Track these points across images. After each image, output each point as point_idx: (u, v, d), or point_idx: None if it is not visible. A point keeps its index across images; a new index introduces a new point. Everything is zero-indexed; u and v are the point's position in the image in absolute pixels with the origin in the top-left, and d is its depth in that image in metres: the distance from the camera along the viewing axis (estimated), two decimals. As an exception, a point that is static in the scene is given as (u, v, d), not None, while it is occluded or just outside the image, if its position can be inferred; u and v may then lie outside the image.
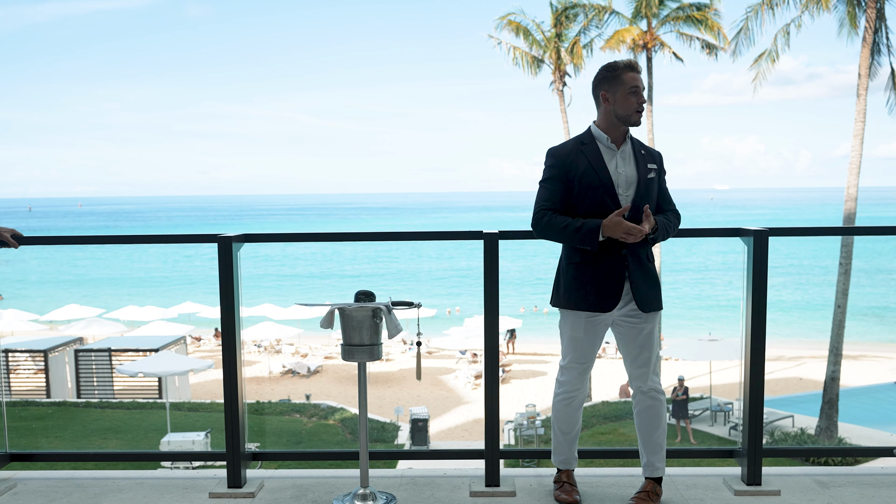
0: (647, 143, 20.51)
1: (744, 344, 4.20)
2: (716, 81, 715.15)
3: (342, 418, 23.78)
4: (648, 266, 3.88)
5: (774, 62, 24.69)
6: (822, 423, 22.20)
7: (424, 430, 21.52)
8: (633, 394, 4.01)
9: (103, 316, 35.58)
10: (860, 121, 22.63)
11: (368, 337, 3.97)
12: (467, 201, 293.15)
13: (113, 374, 26.43)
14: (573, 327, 3.93)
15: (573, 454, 4.15)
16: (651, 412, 3.98)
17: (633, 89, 3.78)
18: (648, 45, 29.57)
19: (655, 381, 3.97)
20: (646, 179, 3.83)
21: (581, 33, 30.83)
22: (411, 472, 4.48)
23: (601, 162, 3.81)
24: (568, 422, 4.07)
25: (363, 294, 4.01)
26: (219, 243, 4.11)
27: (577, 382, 4.00)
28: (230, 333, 4.18)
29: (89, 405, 25.40)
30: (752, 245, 4.08)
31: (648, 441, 3.99)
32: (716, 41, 29.37)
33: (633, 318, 3.89)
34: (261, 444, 19.94)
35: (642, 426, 4.01)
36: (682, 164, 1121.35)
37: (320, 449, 19.09)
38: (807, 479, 4.33)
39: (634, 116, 3.80)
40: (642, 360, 3.93)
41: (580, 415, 4.09)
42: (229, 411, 4.22)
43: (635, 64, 3.83)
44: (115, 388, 26.69)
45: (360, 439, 4.07)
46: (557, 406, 4.07)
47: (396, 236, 4.41)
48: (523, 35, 31.06)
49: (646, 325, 3.90)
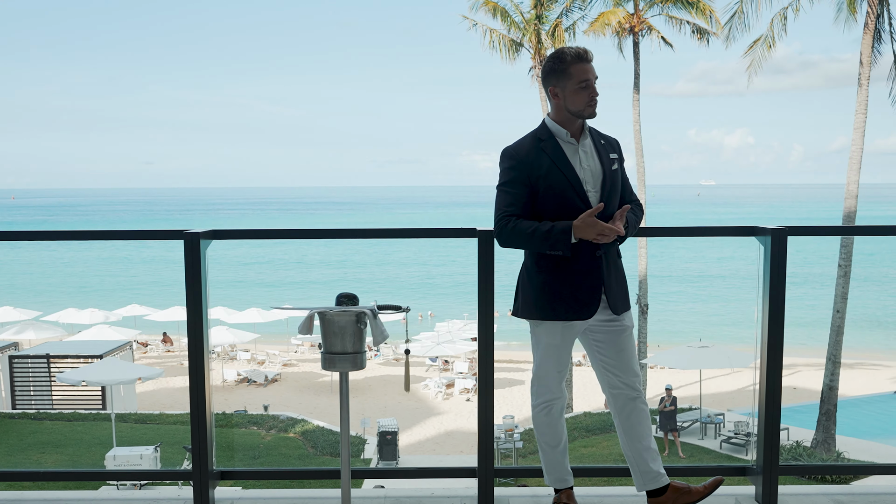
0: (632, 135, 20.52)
1: (759, 352, 4.17)
2: (703, 69, 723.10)
3: (303, 431, 23.65)
4: (618, 264, 3.90)
5: (771, 48, 24.87)
6: (818, 436, 22.41)
7: (394, 444, 21.46)
8: (614, 400, 3.94)
9: (40, 319, 35.15)
10: (861, 112, 22.84)
11: (351, 344, 3.87)
12: (437, 196, 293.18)
13: (52, 382, 26.08)
14: (549, 335, 3.87)
15: (566, 469, 4.09)
16: (640, 414, 3.93)
17: (583, 83, 3.71)
18: (635, 28, 29.72)
19: (639, 385, 3.95)
20: (611, 172, 3.81)
21: (563, 15, 30.91)
22: (395, 493, 4.41)
23: (564, 158, 3.75)
24: (552, 433, 4.01)
25: (345, 297, 3.92)
26: (185, 240, 4.03)
27: (557, 390, 3.94)
28: (197, 338, 4.09)
29: (25, 416, 25.05)
30: (769, 245, 4.06)
31: (647, 447, 3.94)
32: (708, 25, 29.60)
33: (611, 321, 3.87)
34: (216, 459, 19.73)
35: (633, 432, 3.93)
36: (666, 157, 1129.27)
37: (296, 467, 19.03)
38: (825, 500, 4.32)
39: (587, 110, 3.74)
40: (624, 362, 3.90)
41: (563, 424, 4.04)
42: (196, 425, 4.13)
43: (584, 53, 3.74)
44: (54, 397, 26.35)
45: (341, 457, 3.99)
46: (538, 418, 4.01)
47: (383, 233, 4.35)
48: (501, 16, 31.07)
49: (621, 325, 3.89)
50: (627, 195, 3.94)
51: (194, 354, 4.10)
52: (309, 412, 27.23)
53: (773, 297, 4.06)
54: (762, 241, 4.12)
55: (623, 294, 3.89)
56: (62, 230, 4.22)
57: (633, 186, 4.04)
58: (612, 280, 3.83)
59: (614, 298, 3.84)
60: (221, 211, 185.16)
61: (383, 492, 4.45)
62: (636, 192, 4.04)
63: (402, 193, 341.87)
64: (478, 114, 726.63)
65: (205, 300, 4.09)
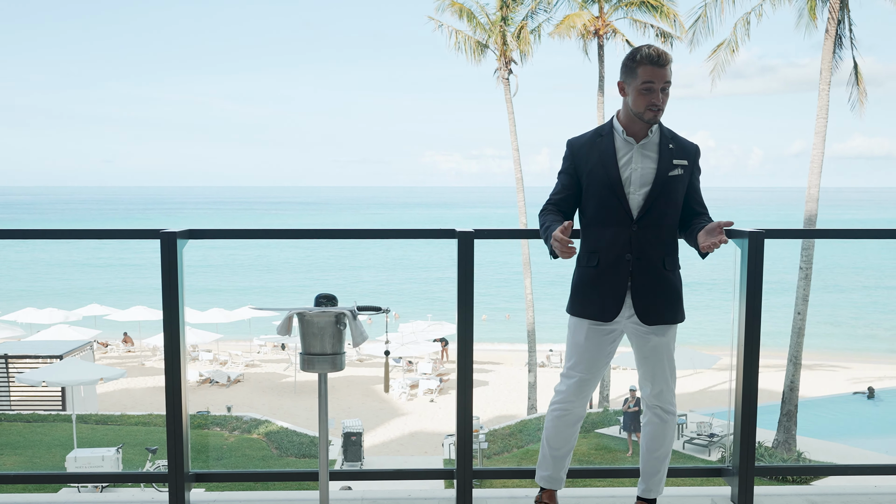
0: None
1: (736, 354, 4.20)
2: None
3: (267, 432, 23.50)
4: (663, 275, 3.73)
5: (734, 53, 25.10)
6: (779, 437, 22.65)
7: (358, 445, 21.40)
8: (643, 407, 3.99)
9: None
10: (822, 117, 23.12)
11: (331, 345, 3.84)
12: (399, 197, 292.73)
13: (10, 382, 25.69)
14: (575, 331, 3.87)
15: (559, 475, 4.05)
16: (653, 430, 3.93)
17: (647, 86, 3.60)
18: (600, 31, 29.87)
19: (665, 399, 3.89)
20: (665, 178, 3.67)
21: (528, 17, 30.99)
22: (373, 496, 4.39)
23: (612, 157, 3.70)
24: (558, 438, 3.97)
25: (324, 298, 3.89)
26: (161, 240, 3.97)
27: (574, 395, 3.90)
28: (174, 339, 4.03)
29: (-18, 417, 24.70)
30: (745, 247, 4.08)
31: (647, 459, 3.97)
32: (671, 29, 29.79)
33: (639, 328, 3.80)
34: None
35: (644, 443, 3.98)
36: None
37: (273, 469, 18.90)
38: (799, 500, 4.36)
39: (647, 114, 3.64)
40: (648, 373, 3.87)
41: (574, 434, 4.00)
42: (172, 426, 4.08)
43: (658, 57, 3.59)
44: (12, 398, 25.96)
45: (320, 459, 3.95)
46: (549, 418, 3.99)
47: (362, 234, 4.33)
48: (467, 18, 31.10)
49: (652, 336, 3.80)
50: (697, 206, 3.80)
51: (170, 355, 4.04)
52: (272, 413, 27.08)
53: (749, 299, 4.09)
54: (739, 243, 4.14)
55: (658, 306, 3.75)
56: (35, 229, 4.15)
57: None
58: (644, 287, 3.72)
59: (644, 307, 3.74)
60: (184, 210, 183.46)
61: (360, 493, 4.43)
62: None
63: (365, 194, 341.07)
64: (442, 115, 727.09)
65: (181, 300, 4.04)
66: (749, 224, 4.29)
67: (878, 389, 29.81)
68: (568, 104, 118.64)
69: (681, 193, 3.75)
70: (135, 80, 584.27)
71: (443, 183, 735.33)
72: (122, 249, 79.55)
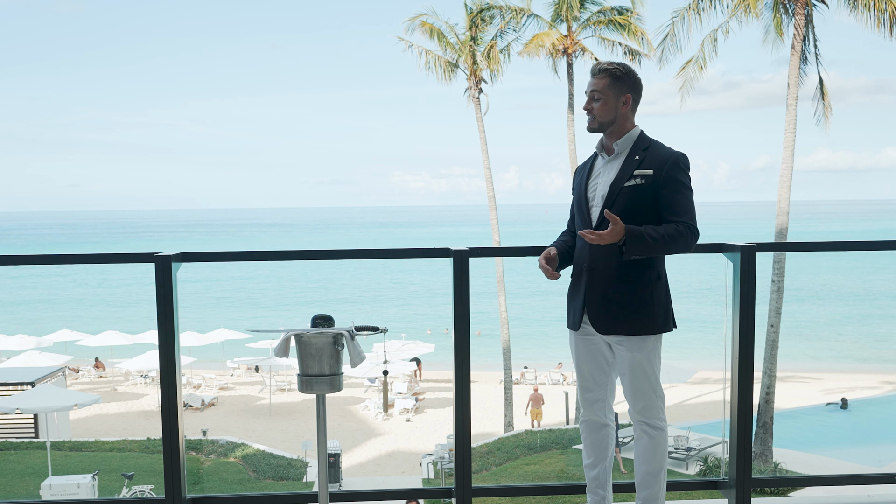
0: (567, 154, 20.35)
1: (730, 367, 4.24)
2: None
3: (244, 455, 23.28)
4: (616, 286, 3.68)
5: (702, 69, 25.36)
6: (756, 448, 22.74)
7: (336, 466, 21.24)
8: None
9: (-34, 346, 34.21)
10: (790, 132, 23.38)
11: (329, 366, 3.83)
12: (370, 217, 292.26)
13: (-20, 411, 25.29)
14: (570, 342, 3.98)
15: (596, 487, 4.11)
16: (641, 446, 3.90)
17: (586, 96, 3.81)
18: (569, 50, 30.07)
19: (649, 414, 3.84)
20: (624, 189, 3.63)
21: (498, 37, 31.14)
22: (371, 515, 4.37)
23: (587, 174, 3.85)
24: (587, 449, 4.10)
25: (321, 318, 3.88)
26: (156, 263, 3.96)
27: (585, 408, 3.99)
28: (169, 362, 4.01)
29: (-48, 446, 24.27)
30: (738, 261, 4.11)
31: (640, 475, 3.95)
32: (639, 47, 30.04)
33: (613, 340, 3.81)
34: (154, 486, 19.35)
35: (635, 459, 3.99)
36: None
37: (271, 492, 18.75)
38: (795, 510, 4.39)
39: (587, 124, 3.79)
40: (628, 388, 3.83)
41: (598, 443, 4.04)
42: (169, 449, 4.04)
43: (594, 66, 3.78)
44: (-17, 426, 25.57)
45: (319, 481, 3.94)
46: (580, 428, 4.10)
47: (356, 254, 4.33)
48: (437, 38, 31.22)
49: (624, 351, 3.76)
50: (666, 213, 3.65)
51: (166, 378, 4.01)
52: (248, 436, 26.84)
53: (743, 312, 4.13)
54: (731, 257, 4.17)
55: (609, 315, 3.73)
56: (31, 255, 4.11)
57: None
58: (597, 297, 3.73)
59: (595, 316, 3.77)
60: (156, 233, 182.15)
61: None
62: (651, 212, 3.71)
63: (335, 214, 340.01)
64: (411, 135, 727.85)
65: (176, 323, 4.01)
66: (717, 238, 4.33)
67: (850, 400, 30.06)
68: (538, 122, 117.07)
69: (643, 203, 3.66)
70: (99, 105, 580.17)
71: (412, 202, 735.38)
72: (95, 273, 78.92)
